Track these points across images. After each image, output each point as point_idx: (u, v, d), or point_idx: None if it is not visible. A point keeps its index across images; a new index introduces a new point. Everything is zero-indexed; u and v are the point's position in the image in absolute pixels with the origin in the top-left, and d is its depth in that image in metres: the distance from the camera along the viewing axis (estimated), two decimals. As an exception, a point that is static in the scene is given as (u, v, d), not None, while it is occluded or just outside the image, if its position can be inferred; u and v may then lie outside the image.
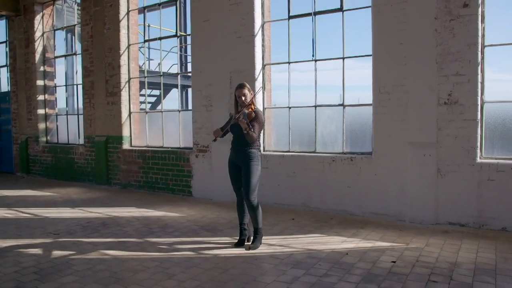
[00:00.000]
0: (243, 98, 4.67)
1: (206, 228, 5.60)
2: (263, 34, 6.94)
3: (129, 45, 8.49)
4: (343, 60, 6.28)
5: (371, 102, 6.06)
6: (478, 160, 5.26)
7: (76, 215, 6.41)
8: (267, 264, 4.23)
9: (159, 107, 8.91)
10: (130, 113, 8.58)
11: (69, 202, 7.42)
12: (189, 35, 7.56)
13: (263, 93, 6.97)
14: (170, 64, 13.09)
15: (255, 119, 4.58)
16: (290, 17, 6.69)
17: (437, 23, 5.38)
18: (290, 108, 6.81)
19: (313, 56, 6.51)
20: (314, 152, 6.57)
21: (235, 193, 4.93)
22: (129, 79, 8.54)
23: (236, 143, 4.79)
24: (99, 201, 7.44)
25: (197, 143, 7.50)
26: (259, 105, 6.90)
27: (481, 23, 5.21)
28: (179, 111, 8.03)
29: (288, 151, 6.81)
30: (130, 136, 8.62)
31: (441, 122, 5.43)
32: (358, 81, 6.53)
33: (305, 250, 4.63)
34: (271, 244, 4.86)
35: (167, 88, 11.43)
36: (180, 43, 11.56)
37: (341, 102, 6.33)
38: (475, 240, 4.82)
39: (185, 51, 11.73)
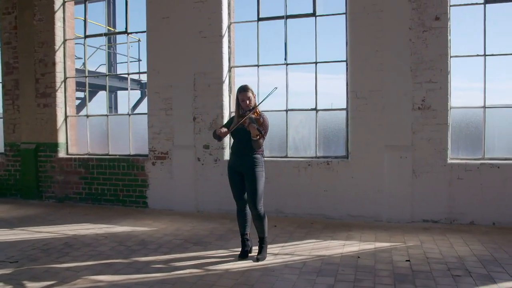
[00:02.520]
0: (247, 102, 4.41)
1: (191, 241, 5.15)
2: (229, 36, 6.68)
3: (65, 40, 7.48)
4: (316, 65, 6.34)
5: (344, 106, 6.24)
6: (449, 161, 5.72)
7: (23, 237, 5.40)
8: (289, 275, 4.03)
9: (83, 111, 7.97)
10: (66, 117, 7.54)
11: (1, 222, 6.24)
12: (143, 32, 6.93)
13: (229, 97, 6.70)
14: (96, 64, 11.88)
15: (262, 124, 4.36)
16: (259, 19, 6.54)
17: (411, 33, 5.74)
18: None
19: (285, 59, 6.47)
20: (286, 157, 6.50)
21: (236, 202, 4.62)
22: (65, 78, 7.52)
23: (239, 148, 4.49)
24: (40, 219, 6.38)
25: (154, 150, 6.90)
26: (226, 110, 6.63)
27: (449, 35, 5.70)
28: (129, 114, 7.31)
29: (257, 156, 6.64)
30: (67, 143, 7.58)
31: (415, 126, 5.79)
32: (326, 87, 6.65)
33: (315, 257, 4.53)
34: (275, 254, 4.65)
35: (92, 90, 10.31)
36: (109, 41, 10.54)
37: (314, 107, 6.38)
38: (456, 234, 5.22)
39: (115, 50, 10.83)
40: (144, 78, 10.76)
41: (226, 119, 6.61)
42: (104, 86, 11.15)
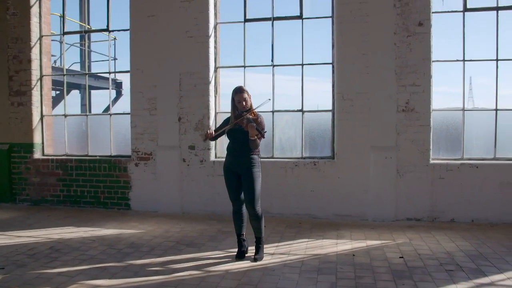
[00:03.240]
0: (244, 103, 4.42)
1: (183, 243, 5.09)
2: (215, 36, 6.65)
3: (41, 37, 7.17)
4: (302, 67, 6.43)
5: (330, 108, 6.36)
6: (431, 161, 5.96)
7: (4, 242, 5.12)
8: (290, 274, 4.07)
9: (60, 111, 7.68)
10: (42, 116, 7.23)
11: (-25, 227, 5.91)
12: (126, 30, 6.76)
13: (215, 97, 6.67)
14: (68, 61, 11.32)
15: (259, 124, 4.38)
16: (246, 20, 6.55)
17: (396, 37, 5.93)
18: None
19: (271, 61, 6.51)
20: (272, 157, 6.54)
21: (233, 202, 4.61)
22: (41, 76, 7.21)
23: (236, 149, 4.48)
24: (17, 223, 6.08)
25: (138, 150, 6.75)
26: (212, 110, 6.60)
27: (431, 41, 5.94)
28: (110, 114, 7.11)
29: (243, 157, 6.64)
30: (42, 143, 7.27)
31: (399, 127, 5.99)
32: (312, 89, 6.74)
33: (311, 256, 4.59)
34: (271, 253, 4.68)
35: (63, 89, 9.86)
36: (81, 39, 10.14)
37: (300, 108, 6.46)
38: (440, 232, 5.44)
39: (89, 48, 10.39)
40: (120, 77, 10.55)
41: (212, 120, 6.59)
42: (75, 84, 10.86)
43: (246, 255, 4.57)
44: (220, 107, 6.78)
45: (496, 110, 5.92)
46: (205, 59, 6.49)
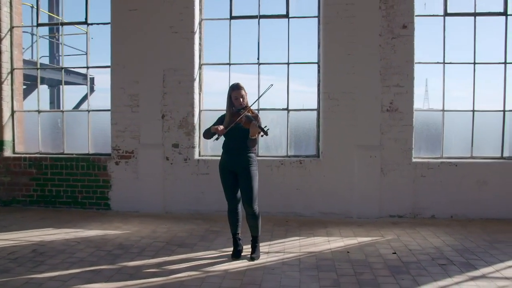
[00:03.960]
0: (241, 100, 4.38)
1: (173, 244, 4.97)
2: (200, 32, 6.54)
3: (12, 28, 6.76)
4: (288, 66, 6.45)
5: (315, 107, 6.43)
6: (413, 159, 6.15)
7: (-20, 246, 4.82)
8: (291, 272, 4.07)
9: (33, 106, 7.26)
10: (13, 112, 6.82)
11: None
12: (106, 23, 6.50)
13: (199, 95, 6.56)
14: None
15: (258, 122, 4.35)
16: (232, 17, 6.49)
17: (381, 39, 6.07)
18: (230, 111, 6.59)
19: (257, 59, 6.48)
20: (257, 156, 6.50)
21: (229, 201, 4.56)
22: (12, 69, 6.80)
23: (233, 147, 4.43)
24: (-11, 225, 5.73)
25: (118, 148, 6.52)
26: (196, 108, 6.49)
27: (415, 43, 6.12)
28: (89, 111, 6.82)
29: (228, 156, 6.58)
30: (13, 140, 6.87)
31: (384, 127, 6.14)
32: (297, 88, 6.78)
33: (307, 253, 4.62)
34: (266, 252, 4.67)
35: (32, 84, 9.33)
36: (51, 31, 9.61)
37: (286, 107, 6.48)
38: (424, 228, 5.62)
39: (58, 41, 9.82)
40: (92, 72, 10.14)
41: (197, 117, 6.48)
42: (43, 79, 10.33)
43: (242, 254, 4.55)
44: (203, 105, 6.67)
45: (473, 111, 6.22)
46: (190, 55, 6.37)
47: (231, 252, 4.58)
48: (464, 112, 6.27)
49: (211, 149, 6.72)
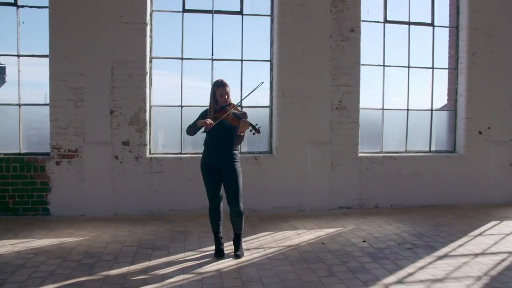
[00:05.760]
0: (226, 97, 4.34)
1: (145, 247, 4.68)
2: (150, 24, 6.20)
3: None
4: (242, 63, 6.47)
5: (268, 104, 6.55)
6: (359, 154, 6.63)
7: None
8: (284, 266, 4.16)
9: None
10: None
11: None
12: (44, 7, 5.78)
13: (150, 89, 6.24)
14: None
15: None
16: (185, 11, 6.28)
17: (331, 41, 6.42)
18: (182, 107, 6.39)
19: (212, 55, 6.37)
20: (210, 153, 6.43)
21: (212, 200, 4.48)
22: None
23: (218, 144, 4.36)
24: None
25: (59, 147, 5.88)
26: (148, 103, 6.16)
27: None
28: (19, 105, 6.00)
29: (180, 153, 6.38)
30: None
31: (333, 124, 6.51)
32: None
33: (286, 247, 4.75)
34: (246, 249, 4.66)
35: None
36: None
37: (239, 104, 6.48)
38: (374, 217, 6.11)
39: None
40: (3, 61, 8.91)
41: (148, 113, 6.15)
42: None
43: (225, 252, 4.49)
44: (153, 101, 6.35)
45: (408, 110, 6.93)
46: (142, 48, 6.01)
47: (212, 252, 4.51)
48: (400, 111, 6.96)
49: (162, 147, 6.45)
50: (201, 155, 4.54)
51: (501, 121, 6.98)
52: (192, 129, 4.35)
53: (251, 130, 4.15)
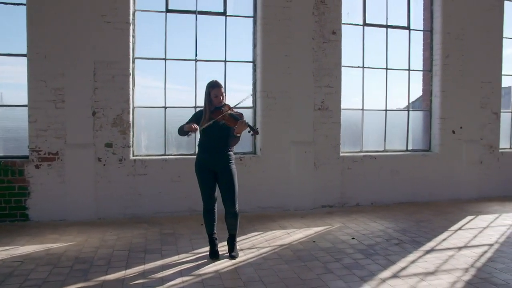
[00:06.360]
0: (221, 98, 4.34)
1: (136, 251, 4.60)
2: (133, 24, 6.09)
3: None
4: (225, 64, 6.47)
5: (251, 105, 6.59)
6: (341, 154, 6.79)
7: None
8: (281, 266, 4.20)
9: None
10: None
11: None
12: (20, 4, 5.54)
13: (133, 90, 6.12)
14: None
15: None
16: (168, 11, 6.21)
17: (314, 43, 6.54)
18: (166, 108, 6.31)
19: (195, 55, 6.33)
20: (194, 154, 6.38)
21: (206, 201, 4.47)
22: None
23: (213, 145, 4.34)
24: None
25: (39, 150, 5.67)
26: (132, 104, 6.05)
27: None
28: (-4, 106, 5.75)
29: (164, 155, 6.30)
30: None
31: (316, 124, 6.63)
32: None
33: (278, 247, 4.80)
34: (239, 249, 4.67)
35: None
36: None
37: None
38: (357, 215, 6.26)
39: None
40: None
41: (132, 114, 6.04)
42: None
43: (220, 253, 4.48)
44: (136, 101, 6.24)
45: (386, 110, 7.16)
46: (125, 48, 5.90)
47: (206, 253, 4.49)
48: (378, 111, 7.18)
49: (145, 149, 6.35)
50: (195, 156, 4.52)
51: (472, 120, 7.36)
52: (182, 131, 4.32)
53: (249, 131, 4.18)
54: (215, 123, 4.23)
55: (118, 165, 5.95)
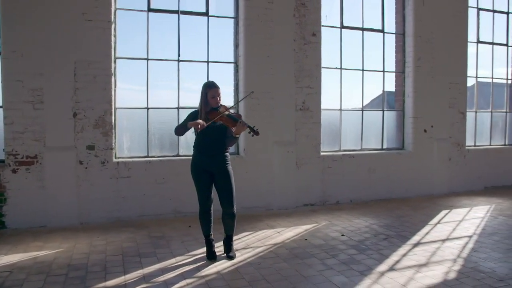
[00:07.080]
0: (218, 99, 4.33)
1: (130, 255, 4.50)
2: (115, 23, 5.93)
3: None
4: (208, 64, 6.44)
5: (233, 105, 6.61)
6: (321, 153, 6.94)
7: None
8: (279, 264, 4.26)
9: None
10: None
11: None
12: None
13: (114, 91, 5.96)
14: None
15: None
16: (150, 10, 6.09)
17: (295, 44, 6.65)
18: (149, 109, 6.19)
19: (178, 56, 6.26)
20: (178, 155, 6.33)
21: (203, 203, 4.45)
22: None
23: (211, 147, 4.33)
24: None
25: (16, 153, 5.39)
26: (114, 105, 5.90)
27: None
28: (-35, 108, 5.40)
29: (148, 156, 6.18)
30: None
31: (298, 124, 6.74)
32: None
33: (272, 245, 4.86)
34: (235, 250, 4.68)
35: None
36: None
37: (207, 105, 6.44)
38: (340, 212, 6.44)
39: None
40: None
41: (114, 115, 5.88)
42: None
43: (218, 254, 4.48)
44: (118, 102, 6.08)
45: (362, 110, 7.40)
46: (107, 47, 5.74)
47: (202, 255, 4.49)
48: (355, 111, 7.41)
49: (128, 150, 6.20)
50: (191, 157, 4.47)
51: (442, 120, 7.76)
52: (181, 129, 4.28)
53: (249, 132, 4.20)
54: (212, 124, 4.22)
55: (101, 168, 5.78)
